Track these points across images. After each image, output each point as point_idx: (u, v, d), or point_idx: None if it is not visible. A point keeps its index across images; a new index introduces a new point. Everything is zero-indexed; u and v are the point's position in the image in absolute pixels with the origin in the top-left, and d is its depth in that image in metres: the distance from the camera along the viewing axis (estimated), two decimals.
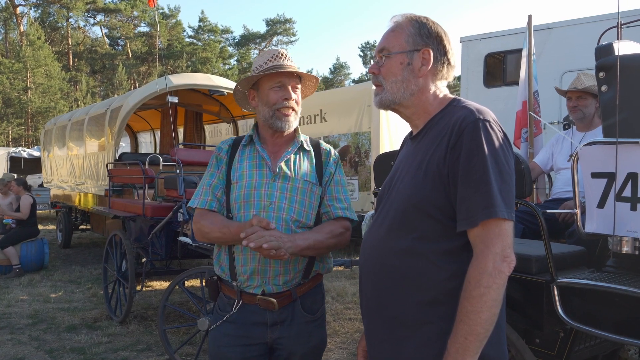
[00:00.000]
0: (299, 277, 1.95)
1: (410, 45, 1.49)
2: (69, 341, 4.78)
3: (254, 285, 1.92)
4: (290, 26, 48.65)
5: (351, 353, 4.43)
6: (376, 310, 1.53)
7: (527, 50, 4.53)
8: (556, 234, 3.14)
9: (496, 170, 1.34)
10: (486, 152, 1.34)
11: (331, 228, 1.95)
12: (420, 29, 1.50)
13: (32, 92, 32.26)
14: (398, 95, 1.51)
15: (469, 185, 1.34)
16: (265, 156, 1.98)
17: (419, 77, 1.50)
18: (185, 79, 8.02)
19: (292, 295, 1.93)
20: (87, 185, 9.02)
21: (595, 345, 2.43)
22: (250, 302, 1.93)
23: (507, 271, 1.32)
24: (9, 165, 17.44)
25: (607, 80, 2.15)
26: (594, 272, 2.28)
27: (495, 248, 1.31)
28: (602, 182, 2.10)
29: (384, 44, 1.53)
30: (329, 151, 2.10)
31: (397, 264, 1.45)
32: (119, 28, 44.21)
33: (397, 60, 1.50)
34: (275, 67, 1.96)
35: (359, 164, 8.96)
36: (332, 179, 2.04)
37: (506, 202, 1.33)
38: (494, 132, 1.37)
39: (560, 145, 3.84)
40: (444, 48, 1.51)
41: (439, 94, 1.53)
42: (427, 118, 1.52)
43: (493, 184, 1.33)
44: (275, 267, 1.90)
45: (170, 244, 5.22)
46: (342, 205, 2.02)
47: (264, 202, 1.91)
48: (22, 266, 7.76)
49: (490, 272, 1.30)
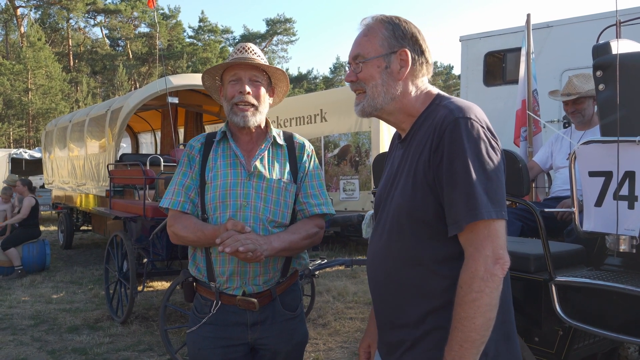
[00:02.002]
0: (278, 275, 1.94)
1: (386, 48, 1.44)
2: (71, 342, 4.79)
3: (233, 286, 1.89)
4: (291, 26, 48.62)
5: (352, 352, 4.44)
6: (384, 316, 1.52)
7: (526, 49, 4.54)
8: (555, 232, 3.15)
9: (479, 169, 1.30)
10: (467, 152, 1.29)
11: (306, 228, 1.93)
12: (394, 30, 1.45)
13: (33, 94, 32.30)
14: (379, 100, 1.46)
15: (453, 189, 1.31)
16: (239, 154, 1.94)
17: (399, 80, 1.45)
18: (185, 79, 8.03)
19: (272, 294, 1.92)
20: (88, 186, 9.04)
21: (594, 344, 2.44)
22: (229, 303, 1.90)
23: (500, 273, 1.28)
24: (10, 166, 17.47)
25: (604, 79, 2.16)
26: (592, 271, 2.29)
27: (486, 250, 1.28)
28: (600, 180, 2.10)
29: (358, 50, 1.48)
30: (302, 145, 2.04)
31: (399, 274, 1.43)
32: (119, 29, 44.21)
33: (374, 65, 1.45)
34: (235, 59, 1.92)
35: (359, 163, 8.97)
36: (306, 175, 2.00)
37: (493, 200, 1.30)
38: (474, 129, 1.32)
39: (559, 143, 3.85)
40: (420, 47, 1.46)
41: (419, 93, 1.48)
42: (412, 120, 1.48)
43: (476, 184, 1.29)
44: (255, 268, 1.88)
45: (171, 244, 5.23)
46: (317, 201, 1.98)
47: (240, 202, 1.88)
48: (24, 267, 7.78)
49: (481, 276, 1.27)
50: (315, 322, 5.26)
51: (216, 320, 1.93)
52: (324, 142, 9.51)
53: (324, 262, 5.09)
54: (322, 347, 4.58)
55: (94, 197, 8.77)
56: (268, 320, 1.92)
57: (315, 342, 4.69)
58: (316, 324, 5.20)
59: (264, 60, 1.98)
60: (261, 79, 1.95)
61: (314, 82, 47.94)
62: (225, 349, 1.92)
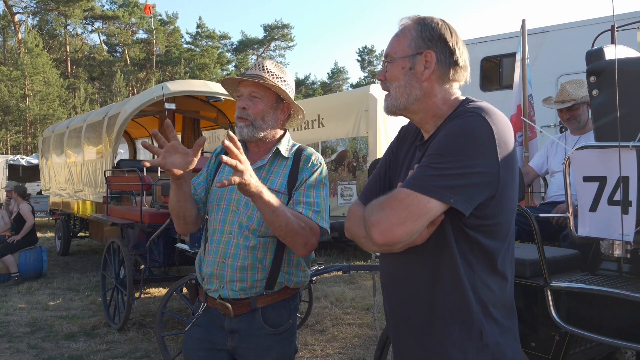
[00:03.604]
0: (260, 286, 1.90)
1: (412, 49, 1.45)
2: (68, 349, 4.78)
3: (212, 288, 1.94)
4: (288, 31, 48.78)
5: (350, 358, 4.44)
6: (400, 321, 1.53)
7: (521, 55, 4.56)
8: (551, 237, 3.15)
9: (449, 155, 1.31)
10: (451, 135, 1.33)
11: (303, 218, 1.83)
12: (422, 31, 1.45)
13: (31, 100, 32.30)
14: (402, 101, 1.46)
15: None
16: None
17: (423, 82, 1.44)
18: (182, 85, 8.05)
19: (251, 304, 1.89)
20: (85, 193, 9.02)
21: (590, 349, 2.44)
22: (212, 306, 1.95)
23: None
24: (7, 173, 17.44)
25: (598, 85, 2.17)
26: (588, 276, 2.29)
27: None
28: (594, 185, 2.10)
29: (389, 50, 1.50)
30: (308, 157, 1.98)
31: (415, 287, 1.45)
32: (117, 35, 44.32)
33: (399, 66, 1.46)
34: (244, 75, 2.01)
35: (356, 168, 8.98)
36: (303, 184, 1.91)
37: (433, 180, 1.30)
38: (478, 125, 1.33)
39: (555, 148, 3.86)
40: (449, 50, 1.45)
41: (448, 97, 1.47)
42: (438, 123, 1.46)
43: (433, 165, 1.31)
44: (232, 273, 1.88)
45: (168, 250, 5.23)
46: (309, 208, 1.87)
47: (232, 207, 1.93)
48: (21, 274, 7.75)
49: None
50: (313, 328, 5.25)
51: (203, 322, 1.98)
52: (322, 148, 9.52)
53: (322, 268, 5.07)
54: (320, 353, 4.57)
55: (91, 203, 8.76)
56: (244, 331, 1.91)
57: (313, 348, 4.68)
58: (314, 330, 5.19)
59: (278, 78, 1.98)
60: (261, 95, 1.97)
61: (311, 88, 48.02)
62: (208, 352, 1.95)
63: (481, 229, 1.37)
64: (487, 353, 1.39)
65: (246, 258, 1.88)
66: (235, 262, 1.88)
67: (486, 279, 1.41)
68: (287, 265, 1.94)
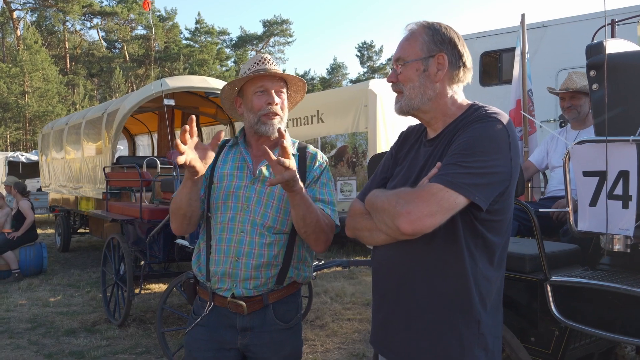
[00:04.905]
0: (272, 282, 1.91)
1: (425, 52, 1.53)
2: (68, 345, 4.78)
3: (224, 287, 1.91)
4: (287, 27, 48.61)
5: (350, 353, 4.44)
6: (391, 305, 1.57)
7: (520, 49, 4.54)
8: (551, 232, 3.15)
9: (470, 154, 1.39)
10: (476, 135, 1.41)
11: (323, 212, 1.87)
12: (433, 35, 1.54)
13: (30, 96, 32.22)
14: (416, 101, 1.55)
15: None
16: (247, 158, 1.97)
17: (436, 82, 1.54)
18: (181, 81, 8.03)
19: (264, 300, 1.90)
20: (84, 189, 9.02)
21: (590, 343, 2.44)
22: (221, 305, 1.92)
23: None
24: (7, 169, 17.42)
25: (597, 79, 2.16)
26: (587, 270, 2.29)
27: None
28: (594, 180, 2.10)
29: (400, 54, 1.58)
30: (314, 155, 2.02)
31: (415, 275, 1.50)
32: (116, 31, 44.19)
33: (413, 68, 1.55)
34: (257, 71, 1.93)
35: (356, 164, 8.97)
36: (315, 181, 1.96)
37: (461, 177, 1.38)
38: (496, 128, 1.42)
39: (555, 143, 3.85)
40: (458, 52, 1.55)
41: (457, 98, 1.57)
42: (447, 121, 1.56)
43: (459, 162, 1.38)
44: (246, 271, 1.87)
45: (167, 246, 5.23)
46: (326, 205, 1.92)
47: (241, 204, 1.90)
48: (21, 270, 7.76)
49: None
50: (313, 324, 5.26)
51: (209, 323, 1.95)
52: (321, 143, 9.52)
53: (322, 263, 5.08)
54: (320, 348, 4.58)
55: (91, 199, 8.76)
56: (257, 328, 1.91)
57: (313, 343, 4.69)
58: (314, 326, 5.20)
59: (279, 68, 2.00)
60: (284, 89, 1.99)
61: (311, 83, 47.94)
62: (216, 353, 1.92)
63: (488, 224, 1.45)
64: (482, 342, 1.46)
65: (262, 256, 1.88)
66: (251, 261, 1.87)
67: (486, 272, 1.48)
68: (297, 260, 1.96)
